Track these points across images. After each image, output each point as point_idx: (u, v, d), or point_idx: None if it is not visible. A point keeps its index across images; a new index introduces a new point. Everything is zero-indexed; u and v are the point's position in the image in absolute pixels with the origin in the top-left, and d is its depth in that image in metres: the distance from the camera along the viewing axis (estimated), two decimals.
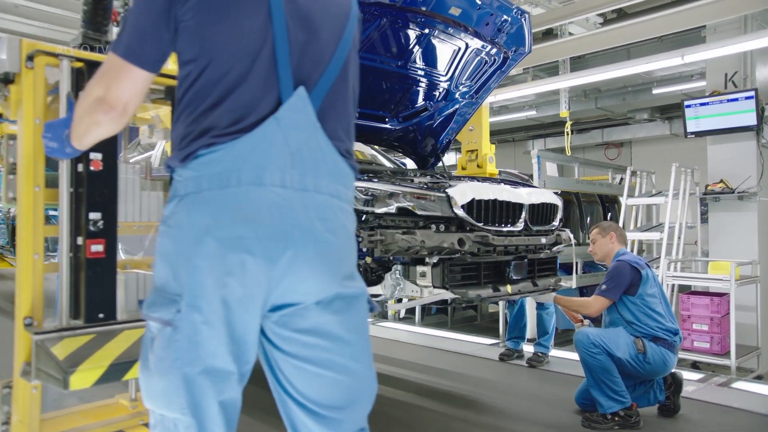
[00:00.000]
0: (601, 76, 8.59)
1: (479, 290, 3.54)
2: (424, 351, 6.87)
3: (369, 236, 3.34)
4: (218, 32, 1.50)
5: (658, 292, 4.19)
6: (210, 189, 1.45)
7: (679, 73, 10.40)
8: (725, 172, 8.20)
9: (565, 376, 5.57)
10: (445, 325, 8.94)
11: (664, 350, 4.02)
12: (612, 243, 4.38)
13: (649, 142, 15.05)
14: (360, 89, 4.22)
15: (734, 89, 8.17)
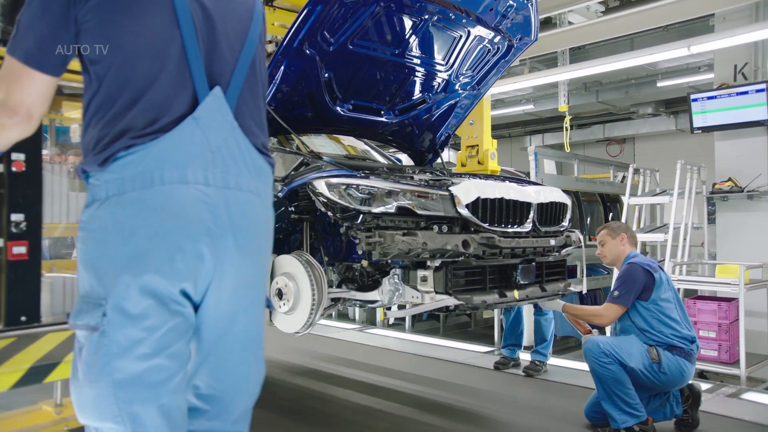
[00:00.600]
0: (603, 68, 8.56)
1: (485, 296, 3.48)
2: (414, 359, 6.85)
3: (366, 238, 3.26)
4: (122, 32, 1.58)
5: (672, 296, 4.15)
6: (134, 190, 1.53)
7: (685, 64, 10.42)
8: (734, 169, 8.21)
9: (566, 386, 5.56)
10: (437, 331, 8.92)
11: (680, 359, 3.98)
12: (623, 245, 4.34)
13: (653, 138, 15.08)
14: (354, 80, 4.13)
15: (744, 82, 8.18)
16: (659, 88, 11.25)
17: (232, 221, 1.63)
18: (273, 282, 3.60)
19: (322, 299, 3.42)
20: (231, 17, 1.75)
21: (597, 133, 15.10)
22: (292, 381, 5.78)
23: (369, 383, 5.72)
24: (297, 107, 4.18)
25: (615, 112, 13.79)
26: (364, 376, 5.95)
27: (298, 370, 6.19)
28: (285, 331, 3.64)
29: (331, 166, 3.53)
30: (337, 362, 6.52)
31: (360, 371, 6.13)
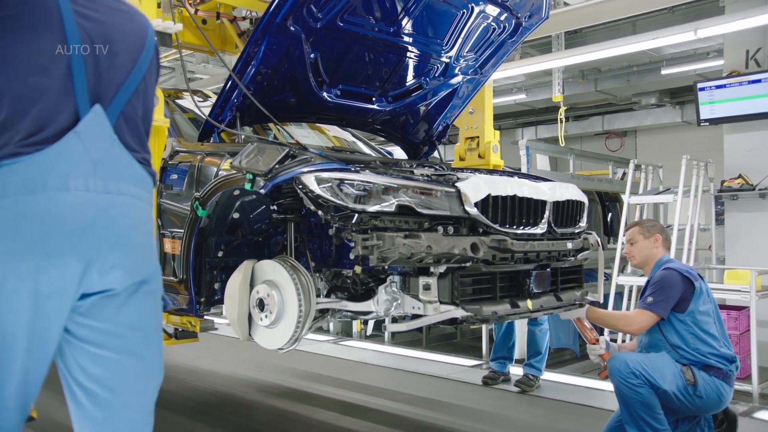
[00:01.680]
0: (602, 54, 8.55)
1: (495, 306, 3.40)
2: (396, 375, 6.85)
3: (363, 241, 3.16)
4: (10, 49, 1.82)
5: (712, 309, 4.06)
6: (16, 194, 1.77)
7: (692, 50, 10.48)
8: (744, 165, 8.27)
9: (563, 404, 5.58)
10: (420, 343, 8.90)
11: (718, 382, 3.89)
12: (656, 247, 4.25)
13: (656, 131, 15.17)
14: (343, 62, 4.05)
15: (757, 69, 8.24)
16: (664, 76, 11.29)
17: (113, 221, 1.90)
18: (253, 291, 3.50)
19: (310, 311, 3.33)
20: (122, 40, 2.03)
21: (595, 125, 15.12)
22: (266, 402, 5.68)
23: (348, 402, 5.67)
24: (278, 92, 4.07)
25: (615, 102, 13.83)
26: (342, 395, 5.90)
27: (271, 389, 6.08)
28: (267, 347, 3.54)
29: (321, 158, 3.42)
30: (312, 379, 6.44)
31: (337, 389, 6.08)
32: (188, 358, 6.94)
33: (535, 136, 15.18)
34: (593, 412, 5.37)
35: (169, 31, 3.78)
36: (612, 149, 15.77)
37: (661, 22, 8.99)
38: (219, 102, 3.97)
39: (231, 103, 3.94)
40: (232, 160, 3.55)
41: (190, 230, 3.72)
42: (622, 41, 8.32)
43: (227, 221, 3.81)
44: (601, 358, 4.13)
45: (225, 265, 3.89)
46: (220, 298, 3.90)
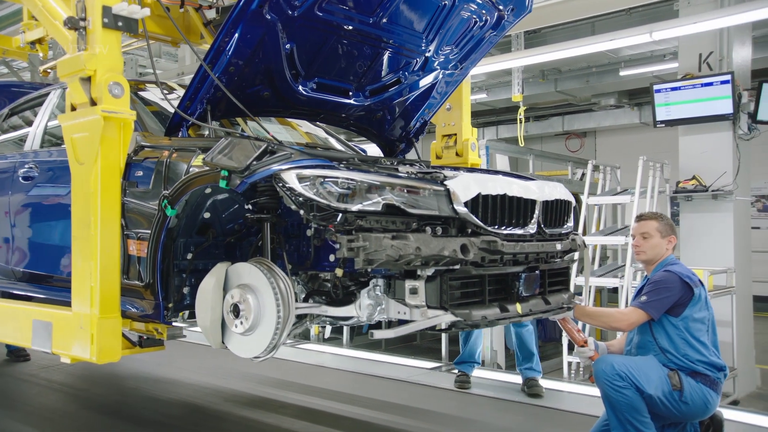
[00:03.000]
0: (560, 54, 8.55)
1: (484, 310, 3.24)
2: (355, 378, 6.70)
3: (348, 242, 2.95)
4: None
5: (707, 317, 3.96)
6: None
7: (649, 52, 10.59)
8: (698, 167, 8.32)
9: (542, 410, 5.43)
10: (379, 346, 8.75)
11: (705, 389, 3.80)
12: (668, 248, 4.10)
13: (615, 132, 15.36)
14: (319, 53, 3.83)
15: (709, 72, 8.31)
16: (622, 78, 11.40)
17: None
18: (227, 296, 3.26)
19: (289, 316, 3.11)
20: None
21: (556, 125, 15.27)
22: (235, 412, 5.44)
23: (303, 406, 5.51)
24: (252, 85, 3.83)
25: (575, 103, 13.94)
26: (309, 402, 5.71)
27: (236, 397, 5.84)
28: (241, 355, 3.31)
29: (302, 154, 3.20)
30: (275, 385, 6.23)
31: (302, 395, 5.89)
32: (149, 365, 6.62)
33: (496, 136, 15.17)
34: (575, 417, 5.28)
35: (135, 16, 3.50)
36: (572, 149, 15.90)
37: (619, 24, 9.04)
38: (188, 94, 3.70)
39: (201, 96, 3.68)
40: (204, 156, 3.31)
41: (158, 231, 3.46)
42: (579, 42, 8.34)
43: (197, 221, 3.56)
44: (590, 360, 4.00)
45: (194, 268, 3.65)
46: (189, 303, 3.65)
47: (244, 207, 3.45)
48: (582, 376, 6.95)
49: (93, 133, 3.44)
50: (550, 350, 8.75)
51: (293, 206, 3.06)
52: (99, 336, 3.48)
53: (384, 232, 3.01)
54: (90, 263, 3.48)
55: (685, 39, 8.44)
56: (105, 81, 3.42)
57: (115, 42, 3.49)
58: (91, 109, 3.46)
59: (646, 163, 8.01)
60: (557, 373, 7.59)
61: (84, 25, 3.45)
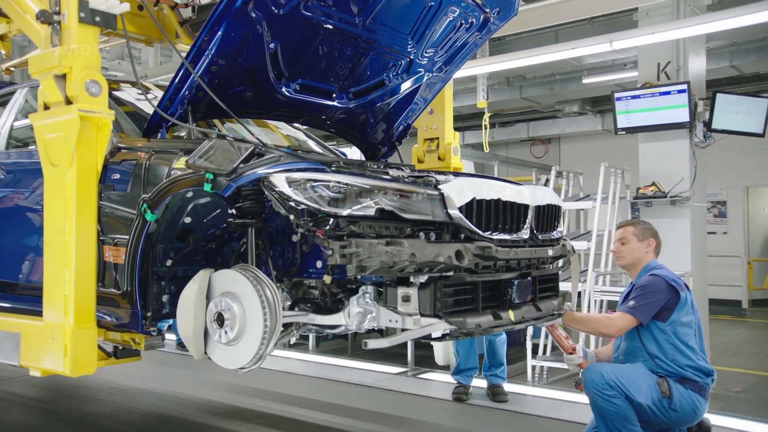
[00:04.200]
0: (525, 62, 8.56)
1: (478, 318, 3.12)
2: (321, 384, 6.55)
3: (341, 248, 2.79)
4: None
5: (694, 321, 3.90)
6: None
7: (611, 60, 10.70)
8: (657, 173, 8.40)
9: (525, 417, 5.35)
10: (345, 351, 8.59)
11: (693, 395, 3.75)
12: (647, 251, 4.06)
13: (579, 139, 15.48)
14: (304, 54, 3.65)
15: (667, 81, 8.39)
16: (585, 85, 11.50)
17: None
18: (210, 304, 3.07)
19: (276, 325, 2.93)
20: None
21: (521, 131, 15.34)
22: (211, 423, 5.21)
23: (271, 414, 5.34)
24: (234, 85, 3.65)
25: (540, 109, 14.04)
26: (261, 405, 5.55)
27: (210, 407, 5.63)
28: (226, 366, 3.14)
29: (291, 157, 3.04)
30: (244, 393, 6.04)
31: (266, 401, 5.71)
32: (118, 376, 6.33)
33: (462, 142, 15.10)
34: (539, 421, 5.22)
35: (114, 12, 3.28)
36: (537, 155, 15.98)
37: (582, 33, 9.09)
38: (168, 94, 3.50)
39: (182, 96, 3.48)
40: (188, 158, 3.13)
41: (137, 236, 3.25)
42: (542, 50, 8.35)
43: (178, 226, 3.36)
44: (579, 367, 3.90)
45: (174, 275, 3.45)
46: (169, 311, 3.45)
47: (227, 212, 3.27)
48: (572, 384, 6.91)
49: (68, 133, 3.20)
50: (515, 354, 8.69)
51: (282, 211, 2.91)
52: (73, 347, 3.25)
53: (377, 238, 2.88)
54: (64, 270, 3.24)
55: (644, 49, 8.54)
56: (81, 79, 3.20)
57: (92, 38, 3.28)
58: (66, 108, 3.22)
59: (608, 170, 8.05)
60: (521, 377, 7.53)
61: (58, 19, 3.22)
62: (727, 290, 12.06)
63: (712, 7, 8.55)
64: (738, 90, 10.29)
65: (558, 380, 7.54)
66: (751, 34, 10.07)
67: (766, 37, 10.22)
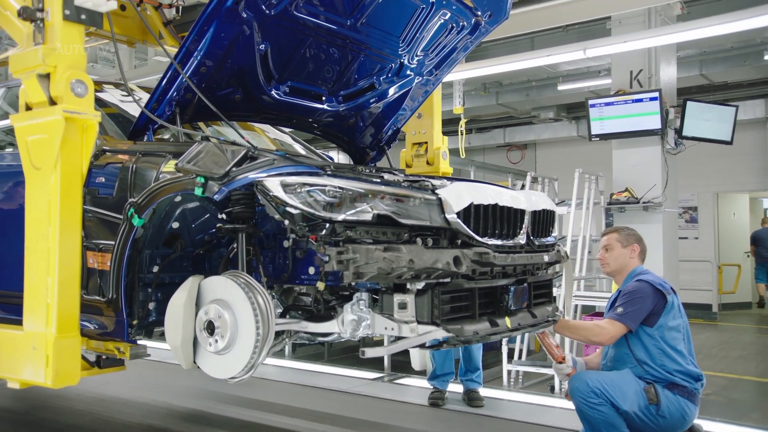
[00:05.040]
0: (500, 68, 8.54)
1: (475, 325, 3.03)
2: (298, 390, 6.40)
3: (338, 255, 2.69)
4: None
5: (682, 325, 3.86)
6: None
7: (586, 68, 10.76)
8: (631, 179, 8.46)
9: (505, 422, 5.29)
10: (321, 357, 8.46)
11: (682, 401, 3.70)
12: (632, 257, 4.02)
13: (555, 144, 15.54)
14: (294, 56, 3.52)
15: (639, 89, 8.46)
16: (560, 92, 11.56)
17: None
18: (200, 312, 2.95)
19: (269, 334, 2.82)
20: None
21: (497, 137, 15.36)
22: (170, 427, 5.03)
23: (249, 421, 5.20)
24: (223, 87, 3.53)
25: (516, 115, 14.07)
26: (238, 412, 5.40)
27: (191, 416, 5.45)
28: (216, 376, 3.01)
29: (286, 160, 2.93)
30: (212, 398, 5.86)
31: (243, 409, 5.56)
32: (96, 385, 6.11)
33: None
34: (515, 426, 5.15)
35: (100, 10, 3.13)
36: (513, 161, 16.00)
37: (557, 40, 9.10)
38: (155, 96, 3.36)
39: (170, 98, 3.35)
40: (177, 162, 3.00)
41: (123, 241, 3.11)
42: (518, 56, 8.36)
43: (165, 232, 3.23)
44: (567, 377, 3.84)
45: (161, 282, 3.31)
46: (155, 319, 3.31)
47: (217, 216, 3.15)
48: (560, 393, 6.86)
49: (52, 135, 3.04)
50: (491, 359, 8.65)
51: (277, 216, 2.80)
52: (55, 357, 3.09)
53: (374, 244, 2.78)
54: (47, 278, 3.08)
55: (617, 57, 8.61)
56: (66, 78, 3.04)
57: (78, 36, 3.12)
58: (50, 109, 3.06)
59: (582, 176, 8.05)
60: (497, 382, 7.49)
61: (41, 16, 3.06)
62: (698, 294, 12.18)
63: (682, 18, 8.64)
64: (707, 98, 10.42)
65: (533, 384, 7.52)
66: (719, 43, 10.23)
67: (734, 47, 10.38)
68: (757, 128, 13.45)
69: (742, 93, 12.54)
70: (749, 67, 10.75)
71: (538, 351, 8.64)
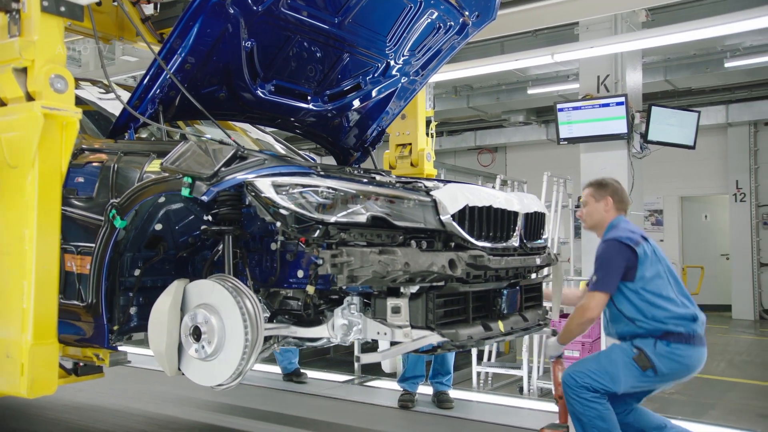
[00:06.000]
0: (470, 72, 8.51)
1: (469, 329, 2.95)
2: (267, 393, 6.25)
3: (332, 257, 2.59)
4: None
5: (663, 270, 3.67)
6: None
7: (554, 72, 10.80)
8: None
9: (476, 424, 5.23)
10: None
11: (680, 349, 3.51)
12: (607, 210, 3.86)
13: (525, 148, 15.56)
14: (280, 54, 3.53)
15: (606, 94, 8.50)
16: (530, 96, 11.60)
17: None
18: (185, 317, 2.81)
19: (258, 339, 2.71)
20: None
21: (468, 140, 15.35)
22: None
23: (220, 426, 5.04)
24: (208, 85, 3.40)
25: (486, 119, 14.07)
26: (205, 416, 5.24)
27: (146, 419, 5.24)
28: (202, 383, 2.88)
29: (276, 160, 2.82)
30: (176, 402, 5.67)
31: (211, 413, 5.39)
32: (67, 392, 5.86)
33: None
34: (485, 427, 5.07)
35: (81, 2, 2.97)
36: (484, 164, 16.01)
37: (526, 45, 9.12)
38: (137, 93, 3.21)
39: (153, 95, 3.20)
40: (163, 161, 2.87)
41: (104, 244, 2.96)
42: (488, 60, 8.34)
43: (148, 233, 3.10)
44: None
45: (142, 286, 3.16)
46: (137, 324, 3.17)
47: (202, 218, 3.02)
48: (529, 394, 6.82)
49: (30, 132, 2.86)
50: (460, 360, 8.60)
51: (267, 218, 2.69)
52: (31, 365, 2.91)
53: (368, 246, 2.68)
54: (23, 282, 2.90)
55: (585, 62, 8.64)
56: (46, 73, 2.86)
57: (57, 29, 2.94)
58: (27, 105, 2.88)
59: (551, 179, 8.07)
60: (467, 384, 7.45)
61: (17, 7, 2.88)
62: None
63: (647, 24, 8.71)
64: (671, 104, 10.54)
65: (503, 386, 7.50)
66: (682, 50, 10.36)
67: (696, 54, 10.52)
68: (718, 133, 13.71)
69: (705, 99, 12.77)
70: (711, 74, 10.94)
71: (507, 353, 8.63)
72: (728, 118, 13.22)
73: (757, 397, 7.53)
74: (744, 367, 9.04)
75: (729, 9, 7.39)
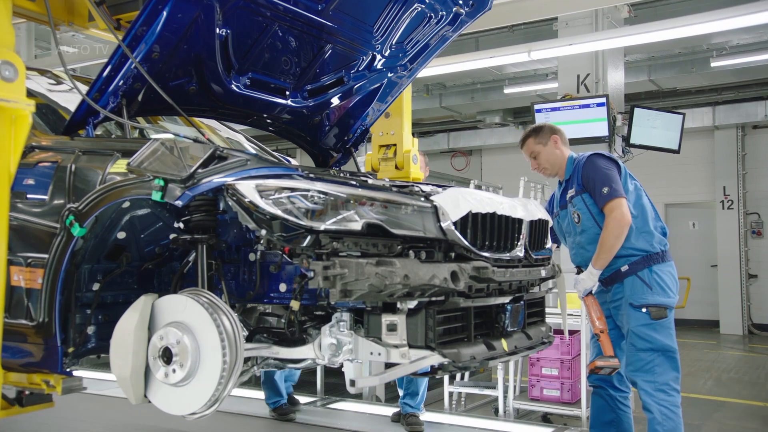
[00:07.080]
0: (442, 69, 8.49)
1: (471, 349, 2.86)
2: (222, 418, 6.05)
3: (324, 269, 2.48)
4: None
5: (638, 184, 3.94)
6: None
7: (532, 70, 10.85)
8: None
9: None
10: (249, 382, 8.10)
11: (667, 269, 3.81)
12: (558, 148, 4.07)
13: (500, 151, 15.54)
14: (257, 44, 3.47)
15: (587, 94, 8.55)
16: (506, 95, 11.61)
17: None
18: (154, 337, 2.66)
19: (237, 361, 2.58)
20: None
21: (441, 142, 15.33)
22: None
23: None
24: (177, 77, 3.26)
25: (460, 119, 14.04)
26: None
27: None
28: (172, 412, 2.73)
29: (260, 161, 2.70)
30: None
31: None
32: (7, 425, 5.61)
33: None
34: None
35: None
36: (458, 168, 15.99)
37: (503, 41, 9.13)
38: (97, 85, 3.06)
39: (116, 87, 3.05)
40: (129, 161, 2.72)
41: (60, 255, 2.80)
42: (461, 57, 8.34)
43: (109, 243, 2.94)
44: None
45: (101, 302, 3.00)
46: (95, 346, 3.00)
47: (171, 226, 2.88)
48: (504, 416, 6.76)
49: None
50: (432, 380, 8.56)
51: (251, 225, 2.58)
52: None
53: (363, 257, 2.58)
54: None
55: (564, 60, 8.68)
56: None
57: (4, 11, 2.78)
58: None
59: (527, 184, 8.05)
60: (438, 405, 7.39)
61: None
62: None
63: (629, 21, 8.80)
64: (656, 105, 10.67)
65: (477, 407, 7.45)
66: (667, 48, 10.51)
67: (681, 53, 10.68)
68: (704, 137, 13.93)
69: (691, 100, 12.98)
70: (697, 74, 11.13)
71: (482, 371, 8.60)
72: (715, 121, 13.44)
73: (745, 417, 7.60)
74: (732, 385, 9.14)
75: (715, 5, 7.51)
